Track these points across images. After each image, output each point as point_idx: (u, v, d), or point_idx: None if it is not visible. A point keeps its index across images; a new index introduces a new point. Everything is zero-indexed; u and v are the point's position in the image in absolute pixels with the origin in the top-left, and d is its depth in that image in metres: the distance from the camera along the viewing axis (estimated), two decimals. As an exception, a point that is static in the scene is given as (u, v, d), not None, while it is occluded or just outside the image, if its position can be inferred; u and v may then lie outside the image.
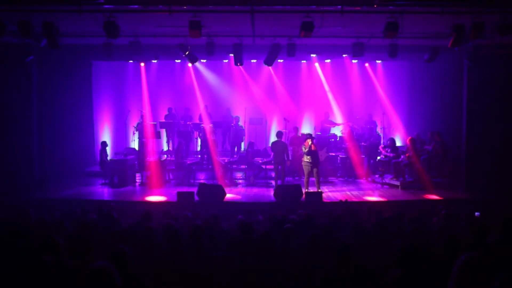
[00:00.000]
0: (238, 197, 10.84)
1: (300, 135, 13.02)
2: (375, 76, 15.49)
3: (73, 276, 3.85)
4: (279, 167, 11.41)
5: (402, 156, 12.15)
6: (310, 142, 10.82)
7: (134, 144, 14.02)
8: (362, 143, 13.30)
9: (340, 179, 13.15)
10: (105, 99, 15.24)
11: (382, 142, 14.08)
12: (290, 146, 12.96)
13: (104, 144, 12.64)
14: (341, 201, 9.56)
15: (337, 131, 14.80)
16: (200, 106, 14.85)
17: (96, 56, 12.62)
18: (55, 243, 4.14)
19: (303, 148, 10.98)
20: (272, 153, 11.50)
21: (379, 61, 15.32)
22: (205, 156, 13.63)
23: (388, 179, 12.29)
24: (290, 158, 11.97)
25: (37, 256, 3.66)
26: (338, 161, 13.44)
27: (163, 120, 14.54)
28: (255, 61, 14.53)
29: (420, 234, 5.88)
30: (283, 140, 11.94)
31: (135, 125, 13.88)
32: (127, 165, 12.18)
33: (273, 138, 13.68)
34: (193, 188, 10.71)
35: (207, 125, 13.58)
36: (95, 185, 12.16)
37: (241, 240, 5.65)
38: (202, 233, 5.53)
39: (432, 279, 4.03)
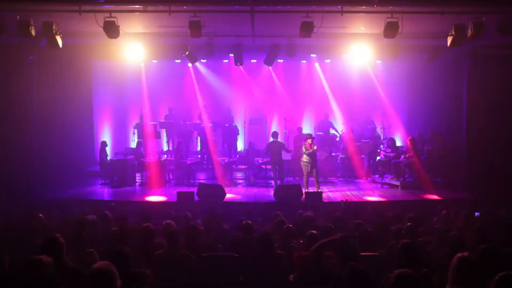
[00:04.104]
0: (238, 197, 10.83)
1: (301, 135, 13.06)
2: (375, 76, 15.46)
3: (74, 277, 3.85)
4: (277, 167, 11.41)
5: (402, 156, 12.14)
6: (310, 142, 10.82)
7: (134, 144, 14.01)
8: (363, 140, 13.29)
9: (340, 179, 13.15)
10: (105, 99, 15.21)
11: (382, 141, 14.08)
12: (294, 145, 13.04)
13: (104, 144, 12.63)
14: (341, 201, 9.55)
15: (337, 131, 14.80)
16: (200, 106, 14.85)
17: (96, 56, 12.59)
18: (59, 243, 4.13)
19: (303, 149, 10.97)
20: (269, 153, 11.44)
21: (379, 61, 15.29)
22: (205, 156, 13.64)
23: (388, 179, 12.28)
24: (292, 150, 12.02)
25: (38, 256, 3.65)
26: (338, 161, 13.44)
27: (163, 120, 14.54)
28: (255, 61, 14.50)
29: (420, 234, 5.89)
30: (280, 140, 11.94)
31: (134, 125, 13.89)
32: (127, 165, 12.18)
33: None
34: (193, 188, 10.71)
35: (207, 125, 13.58)
36: (95, 185, 12.16)
37: (241, 240, 5.66)
38: (202, 233, 5.54)
39: (432, 279, 4.04)
